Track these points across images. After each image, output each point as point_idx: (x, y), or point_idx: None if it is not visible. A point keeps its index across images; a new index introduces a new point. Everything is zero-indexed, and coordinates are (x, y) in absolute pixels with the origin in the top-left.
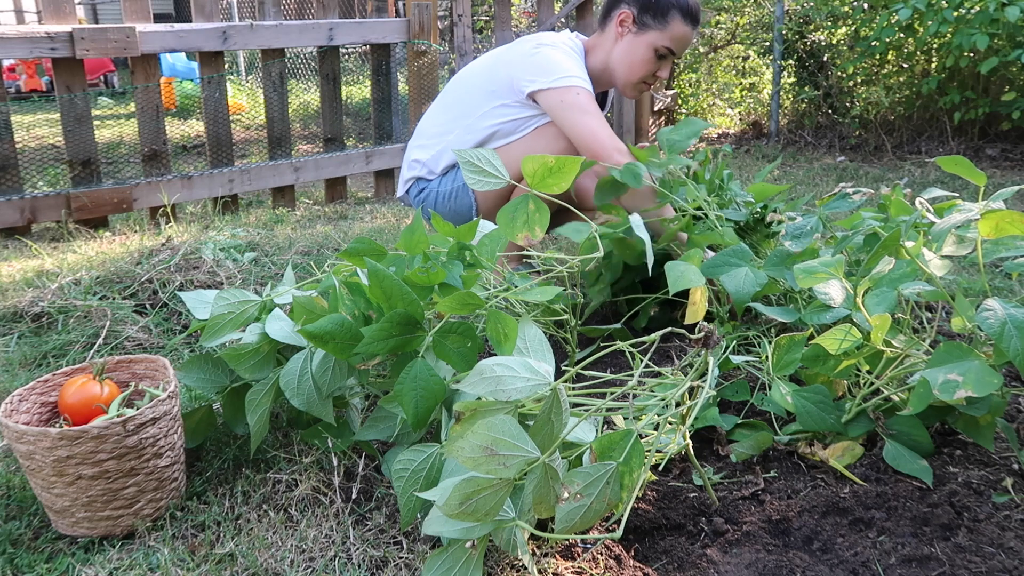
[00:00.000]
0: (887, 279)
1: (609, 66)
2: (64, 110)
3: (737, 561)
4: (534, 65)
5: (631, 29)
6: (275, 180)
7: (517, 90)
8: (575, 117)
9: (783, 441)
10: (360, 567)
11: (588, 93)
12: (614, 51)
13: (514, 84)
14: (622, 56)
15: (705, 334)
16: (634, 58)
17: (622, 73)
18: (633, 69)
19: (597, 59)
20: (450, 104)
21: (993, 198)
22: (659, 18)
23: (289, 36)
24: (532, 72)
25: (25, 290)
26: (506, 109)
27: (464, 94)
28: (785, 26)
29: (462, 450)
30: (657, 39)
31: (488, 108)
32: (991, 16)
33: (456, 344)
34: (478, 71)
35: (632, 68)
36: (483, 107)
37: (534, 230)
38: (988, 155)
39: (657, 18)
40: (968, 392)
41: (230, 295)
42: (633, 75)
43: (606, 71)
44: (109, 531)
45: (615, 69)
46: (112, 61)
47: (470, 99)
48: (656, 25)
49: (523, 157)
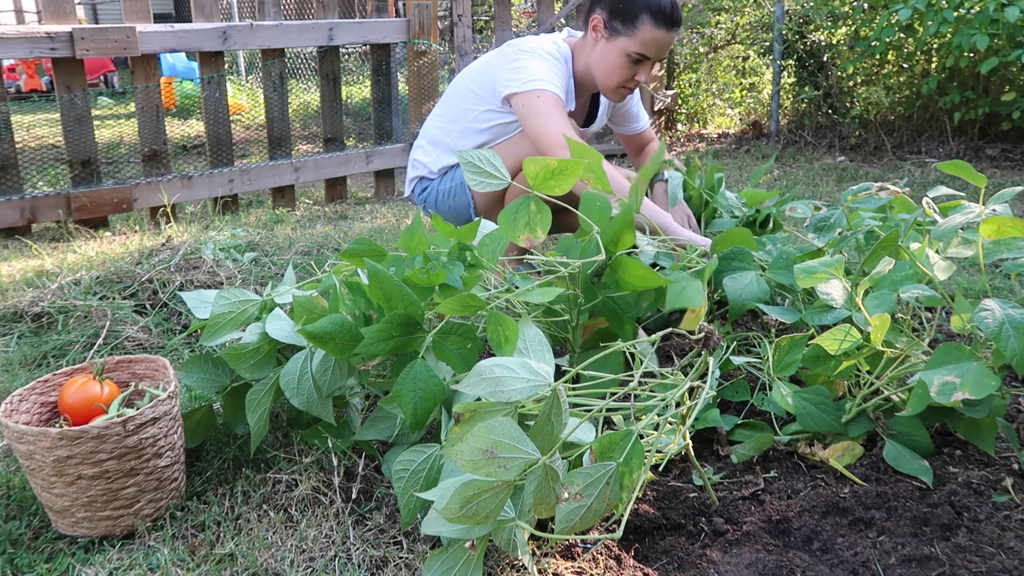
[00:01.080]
0: (888, 280)
1: (588, 70)
2: (64, 110)
3: (737, 561)
4: (510, 70)
5: (603, 35)
6: (275, 180)
7: (496, 93)
8: (530, 119)
9: (783, 441)
10: (360, 567)
11: (551, 96)
12: (592, 56)
13: (495, 89)
14: (597, 61)
15: (706, 335)
16: (607, 63)
17: (600, 78)
18: (608, 74)
19: (581, 62)
20: (448, 106)
21: (994, 199)
22: (628, 23)
23: (289, 36)
24: (507, 77)
25: (25, 290)
26: (492, 114)
27: (459, 98)
28: (785, 26)
29: (462, 453)
30: (627, 45)
31: (478, 112)
32: (991, 16)
33: (456, 345)
34: (472, 75)
35: (607, 73)
36: (474, 111)
37: (536, 231)
38: (988, 155)
39: (626, 23)
40: (965, 394)
41: (230, 295)
42: (610, 80)
43: (588, 75)
44: (109, 531)
45: (594, 73)
46: (112, 61)
47: (464, 103)
48: (625, 31)
49: (523, 158)
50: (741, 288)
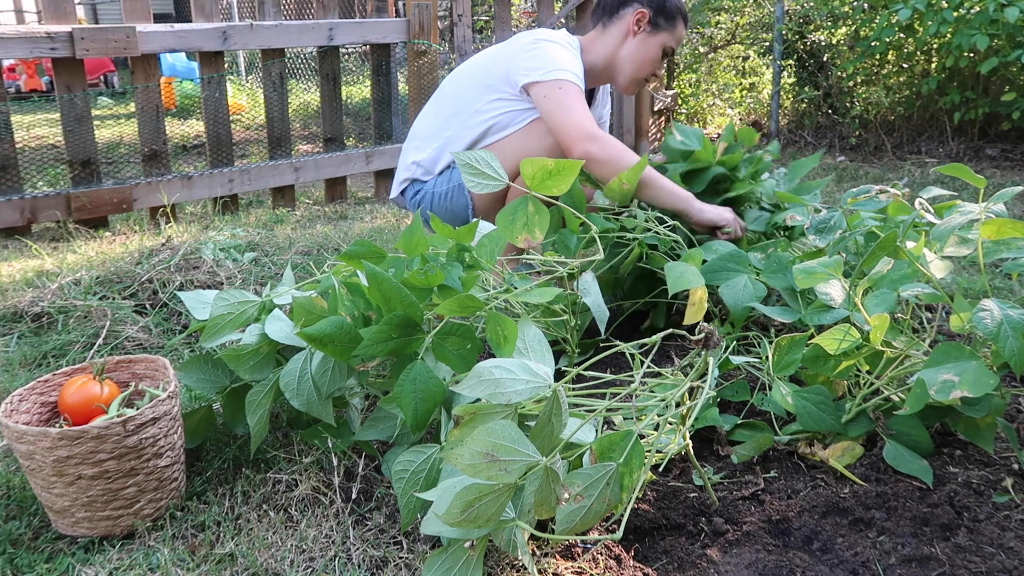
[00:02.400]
0: (887, 280)
1: (614, 63)
2: (64, 110)
3: (737, 561)
4: (531, 59)
5: (647, 28)
6: (275, 180)
7: (513, 82)
8: (552, 110)
9: (783, 441)
10: (360, 567)
11: (574, 87)
12: (622, 48)
13: (510, 77)
14: (632, 54)
15: (706, 335)
16: (645, 56)
17: (630, 70)
18: (643, 66)
19: (597, 56)
20: (445, 102)
21: (994, 199)
22: (669, 20)
23: (289, 36)
24: (527, 66)
25: (25, 290)
26: (502, 103)
27: (460, 91)
28: (785, 26)
29: (462, 457)
30: (667, 39)
31: (484, 103)
32: (991, 17)
33: (455, 346)
34: (474, 68)
35: (643, 65)
36: (479, 102)
37: (534, 232)
38: (988, 155)
39: (668, 20)
40: (964, 392)
41: (229, 296)
42: (642, 72)
43: (608, 68)
44: (109, 531)
45: (621, 66)
46: (112, 61)
47: (466, 96)
48: (667, 26)
49: (521, 158)
50: (737, 293)
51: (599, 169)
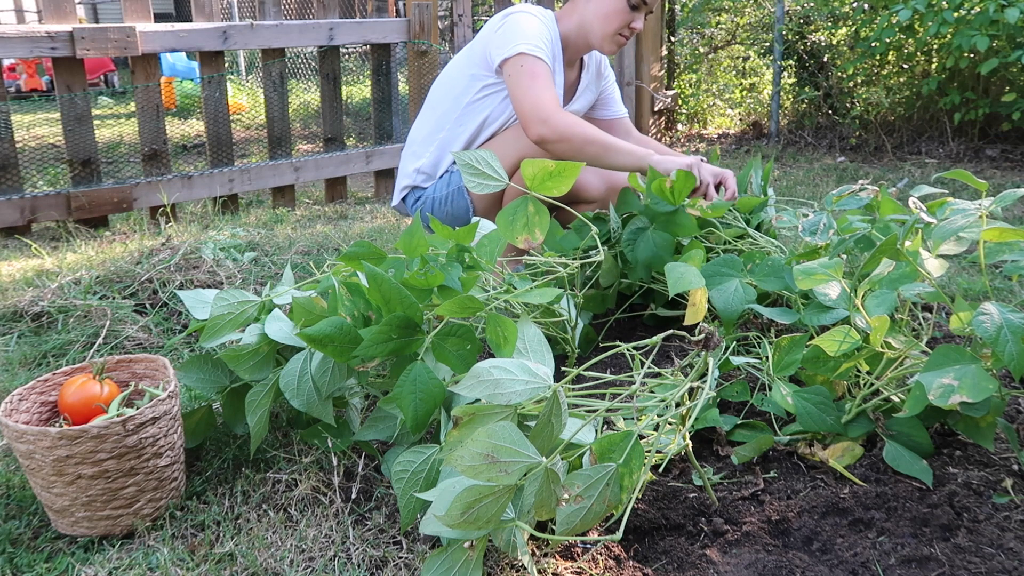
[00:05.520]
0: (887, 280)
1: (584, 24)
2: (64, 110)
3: (737, 561)
4: (500, 36)
5: None
6: (275, 180)
7: (490, 64)
8: (512, 91)
9: (783, 442)
10: (360, 567)
11: (534, 60)
12: (588, 6)
13: (487, 59)
14: (596, 9)
15: (706, 336)
16: (609, 9)
17: (598, 27)
18: (608, 20)
19: (571, 21)
20: (436, 103)
21: (997, 200)
22: None
23: (289, 36)
24: (497, 43)
25: (25, 290)
26: (491, 89)
27: (448, 88)
28: (785, 26)
29: (462, 459)
30: None
31: (472, 95)
32: (991, 17)
33: (455, 347)
34: (458, 62)
35: (608, 19)
36: (469, 94)
37: (534, 233)
38: (988, 156)
39: None
40: (963, 397)
41: (229, 295)
42: (609, 26)
43: (581, 31)
44: (109, 531)
45: (591, 25)
46: (112, 61)
47: (455, 91)
48: None
49: (520, 155)
50: (728, 297)
51: (554, 149)
